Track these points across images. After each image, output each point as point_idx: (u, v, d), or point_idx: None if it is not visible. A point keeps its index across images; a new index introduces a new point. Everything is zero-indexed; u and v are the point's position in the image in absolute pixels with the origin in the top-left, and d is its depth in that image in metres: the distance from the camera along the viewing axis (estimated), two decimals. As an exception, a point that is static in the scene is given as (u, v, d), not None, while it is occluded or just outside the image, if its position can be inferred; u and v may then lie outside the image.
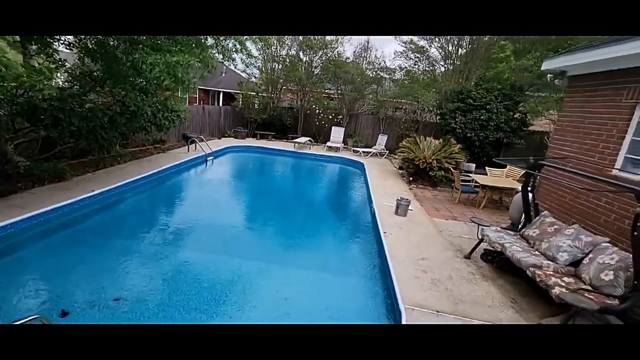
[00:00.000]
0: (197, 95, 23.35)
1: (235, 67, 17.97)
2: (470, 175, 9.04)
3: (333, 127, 15.34)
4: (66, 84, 7.60)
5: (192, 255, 4.86)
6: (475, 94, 11.67)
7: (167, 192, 8.18)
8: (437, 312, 3.62)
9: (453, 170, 9.03)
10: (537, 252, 4.23)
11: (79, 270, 4.15)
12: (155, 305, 3.59)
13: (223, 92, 23.35)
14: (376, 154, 14.29)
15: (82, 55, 6.95)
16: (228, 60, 8.64)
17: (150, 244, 5.04)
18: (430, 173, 9.47)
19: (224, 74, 24.04)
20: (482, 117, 11.42)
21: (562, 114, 5.58)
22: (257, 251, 5.32)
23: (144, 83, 7.10)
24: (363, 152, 14.10)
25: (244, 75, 17.46)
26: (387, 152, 14.51)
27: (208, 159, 10.96)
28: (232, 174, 11.12)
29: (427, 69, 15.79)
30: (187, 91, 10.96)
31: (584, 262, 3.73)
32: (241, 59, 15.32)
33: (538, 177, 5.10)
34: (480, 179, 8.26)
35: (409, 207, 6.84)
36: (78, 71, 7.27)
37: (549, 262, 3.92)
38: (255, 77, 16.90)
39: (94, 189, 6.31)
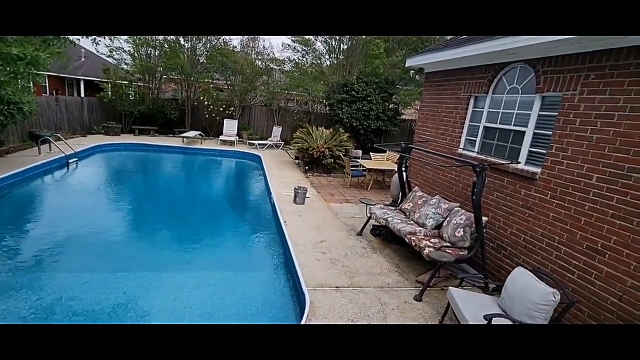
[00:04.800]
0: (47, 85, 18.90)
1: (97, 51, 15.24)
2: (358, 160, 9.99)
3: (225, 120, 14.66)
4: None
5: (61, 278, 4.02)
6: (357, 87, 12.82)
7: (15, 206, 6.49)
8: (337, 287, 3.94)
9: (343, 157, 9.82)
10: (412, 222, 5.02)
11: None
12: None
13: (85, 80, 19.49)
14: (272, 146, 14.35)
15: None
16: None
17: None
18: (323, 161, 10.06)
19: (83, 59, 20.07)
20: (364, 108, 12.66)
21: (422, 104, 6.67)
22: (148, 261, 4.76)
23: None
24: (259, 144, 13.96)
25: (110, 61, 14.93)
26: (283, 143, 14.73)
27: (70, 161, 9.09)
28: (107, 176, 9.51)
29: (314, 62, 16.50)
30: (32, 80, 8.72)
31: (444, 224, 4.62)
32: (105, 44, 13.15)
33: (409, 159, 6.01)
34: (367, 164, 9.22)
35: (307, 195, 7.16)
36: None
37: (420, 228, 4.70)
38: (126, 64, 14.66)
39: None
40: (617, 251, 3.05)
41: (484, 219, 4.20)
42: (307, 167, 10.45)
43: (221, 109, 14.96)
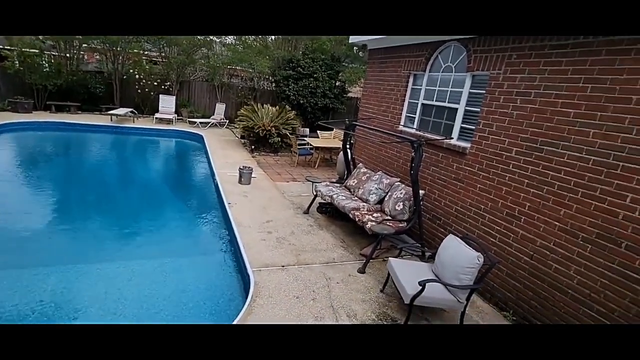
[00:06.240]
0: None
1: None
2: (305, 139, 9.90)
3: (161, 96, 13.42)
4: None
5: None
6: (303, 63, 12.51)
7: None
8: (283, 266, 3.93)
9: (290, 136, 9.66)
10: (356, 198, 5.14)
11: None
12: None
13: (-20, 46, 16.26)
14: (216, 124, 13.58)
15: None
16: None
17: None
18: (270, 140, 9.80)
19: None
20: (311, 85, 12.45)
21: (366, 82, 6.72)
22: (73, 253, 4.28)
23: None
24: (200, 122, 13.10)
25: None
26: (227, 121, 14.02)
27: (-33, 143, 7.67)
28: (18, 160, 8.23)
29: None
30: None
31: (386, 199, 4.81)
32: None
33: (353, 136, 6.08)
34: (314, 142, 9.19)
35: (253, 175, 6.95)
36: None
37: (364, 203, 4.85)
38: (34, 28, 12.46)
39: None
40: (530, 216, 3.44)
41: (421, 192, 4.45)
42: (253, 147, 10.10)
43: (155, 83, 13.62)
